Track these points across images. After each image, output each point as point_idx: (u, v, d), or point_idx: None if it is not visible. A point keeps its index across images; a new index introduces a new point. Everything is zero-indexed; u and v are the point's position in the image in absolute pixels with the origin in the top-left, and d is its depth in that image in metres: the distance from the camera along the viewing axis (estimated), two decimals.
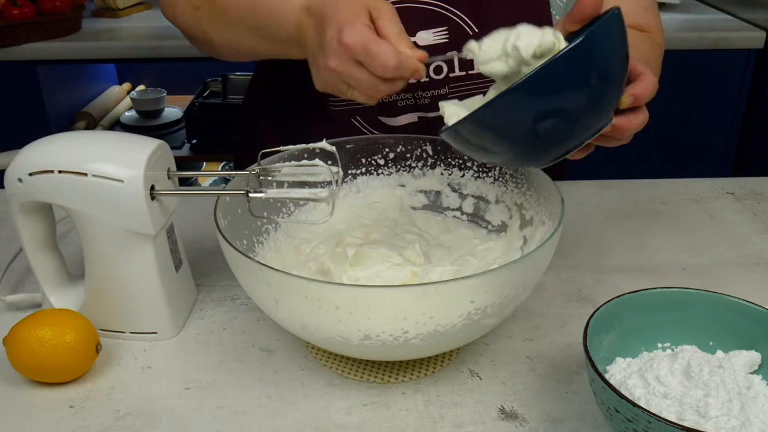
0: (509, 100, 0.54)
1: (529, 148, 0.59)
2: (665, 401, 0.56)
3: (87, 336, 0.66)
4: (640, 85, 0.62)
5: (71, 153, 0.67)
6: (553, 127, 0.56)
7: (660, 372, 0.58)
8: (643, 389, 0.58)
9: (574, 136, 0.59)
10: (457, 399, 0.65)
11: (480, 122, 0.56)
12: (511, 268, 0.58)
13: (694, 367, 0.57)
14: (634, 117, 0.63)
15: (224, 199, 0.70)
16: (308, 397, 0.65)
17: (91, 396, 0.66)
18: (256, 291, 0.62)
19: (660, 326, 0.64)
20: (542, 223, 0.72)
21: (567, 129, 0.57)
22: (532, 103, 0.55)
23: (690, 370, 0.57)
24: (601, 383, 0.54)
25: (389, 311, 0.56)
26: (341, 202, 0.82)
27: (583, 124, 0.58)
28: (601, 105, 0.58)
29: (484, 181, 0.80)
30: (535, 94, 0.54)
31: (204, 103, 2.16)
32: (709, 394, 0.55)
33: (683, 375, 0.58)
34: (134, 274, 0.70)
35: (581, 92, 0.56)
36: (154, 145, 0.68)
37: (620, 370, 0.61)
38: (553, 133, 0.57)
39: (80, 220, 0.68)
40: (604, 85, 0.57)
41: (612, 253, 0.87)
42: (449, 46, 0.86)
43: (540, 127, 0.56)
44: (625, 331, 0.63)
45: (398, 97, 0.91)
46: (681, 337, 0.64)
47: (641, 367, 0.60)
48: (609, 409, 0.54)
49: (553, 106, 0.55)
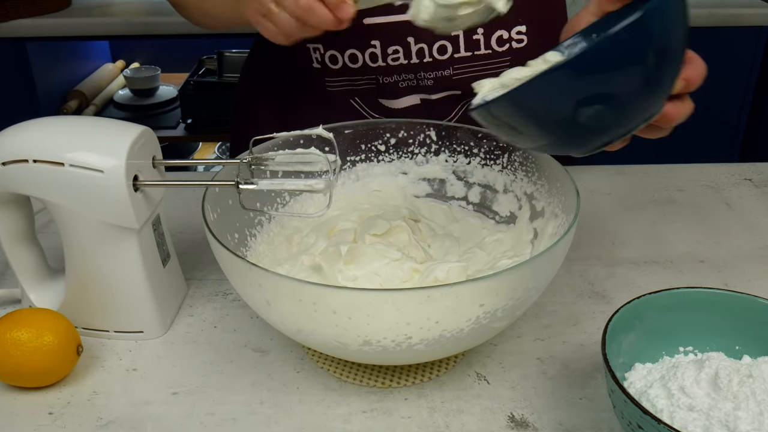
0: (554, 79, 0.47)
1: (571, 135, 0.51)
2: (691, 414, 0.52)
3: (66, 338, 0.62)
4: (692, 68, 0.54)
5: (47, 141, 0.62)
6: (601, 112, 0.49)
7: (685, 382, 0.53)
8: (666, 400, 0.53)
9: (623, 124, 0.52)
10: (464, 406, 0.60)
11: (518, 103, 0.49)
12: (524, 269, 0.53)
13: (722, 378, 0.53)
14: (682, 105, 0.56)
15: (213, 190, 0.65)
16: (304, 403, 0.61)
17: (72, 402, 0.61)
18: (247, 292, 0.57)
19: (682, 328, 0.60)
20: (554, 215, 0.67)
21: (616, 115, 0.50)
22: (582, 83, 0.48)
23: (718, 380, 0.53)
24: (623, 396, 0.49)
25: (391, 316, 0.51)
26: (339, 191, 0.77)
27: (634, 109, 0.51)
28: (658, 88, 0.51)
29: (492, 168, 0.76)
30: (587, 73, 0.47)
31: (199, 81, 2.10)
32: (739, 407, 0.50)
33: (710, 386, 0.53)
34: (118, 270, 0.65)
35: (639, 73, 0.48)
36: (138, 131, 0.63)
37: (640, 377, 0.56)
38: (600, 119, 0.50)
39: (58, 213, 0.63)
40: (664, 65, 0.50)
41: (625, 245, 0.83)
42: None
43: (587, 111, 0.49)
44: (645, 334, 0.58)
45: (399, 78, 0.86)
46: (705, 341, 0.59)
47: (663, 375, 0.55)
48: (630, 423, 0.50)
49: (605, 87, 0.48)
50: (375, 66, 0.85)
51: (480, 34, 0.84)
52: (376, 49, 0.84)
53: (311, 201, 0.77)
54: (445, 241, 0.72)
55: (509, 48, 0.85)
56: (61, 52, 2.10)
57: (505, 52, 0.85)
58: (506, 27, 0.84)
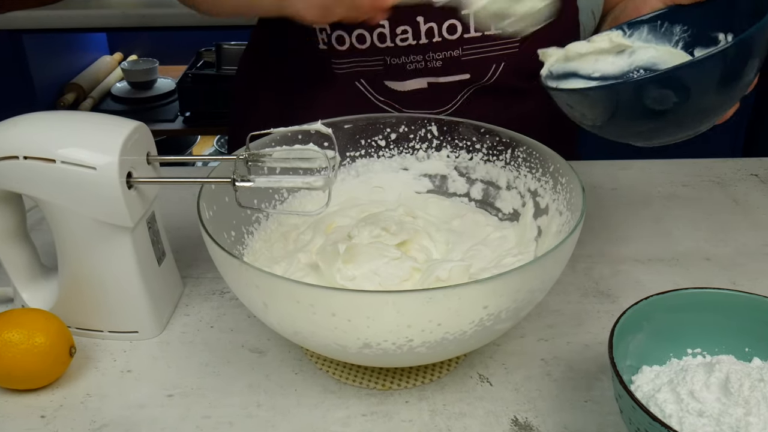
0: (699, 68, 0.45)
1: (658, 129, 0.50)
2: (700, 420, 0.50)
3: (59, 339, 0.60)
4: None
5: (38, 137, 0.60)
6: (709, 105, 0.48)
7: (694, 386, 0.52)
8: (674, 405, 0.52)
9: (713, 116, 0.50)
10: (466, 408, 0.59)
11: (638, 91, 0.47)
12: (529, 269, 0.52)
13: (733, 382, 0.51)
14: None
15: (209, 187, 0.63)
16: (302, 405, 0.59)
17: (64, 404, 0.60)
18: (243, 293, 0.56)
19: (690, 329, 0.58)
20: (559, 213, 0.65)
21: (715, 107, 0.49)
22: (714, 75, 0.46)
23: (729, 385, 0.51)
24: (630, 402, 0.48)
25: (392, 318, 0.50)
26: (338, 187, 0.76)
27: (730, 100, 0.49)
28: (751, 80, 0.50)
29: (495, 164, 0.74)
30: (721, 67, 0.46)
31: (197, 74, 2.08)
32: (750, 413, 0.49)
33: (721, 390, 0.52)
34: (112, 269, 0.63)
35: (756, 66, 0.48)
36: (131, 127, 0.62)
37: (648, 381, 0.55)
38: (700, 112, 0.48)
39: (50, 211, 0.62)
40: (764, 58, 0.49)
41: (630, 242, 0.81)
42: (464, 5, 0.79)
43: (700, 104, 0.47)
44: (652, 335, 0.57)
45: (407, 60, 0.84)
46: (714, 342, 0.58)
47: (672, 379, 0.54)
48: (638, 429, 0.48)
49: (728, 81, 0.47)
50: (383, 47, 0.83)
51: None
52: (384, 29, 0.81)
53: (310, 197, 0.75)
54: (448, 237, 0.70)
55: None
56: (57, 45, 2.08)
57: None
58: None
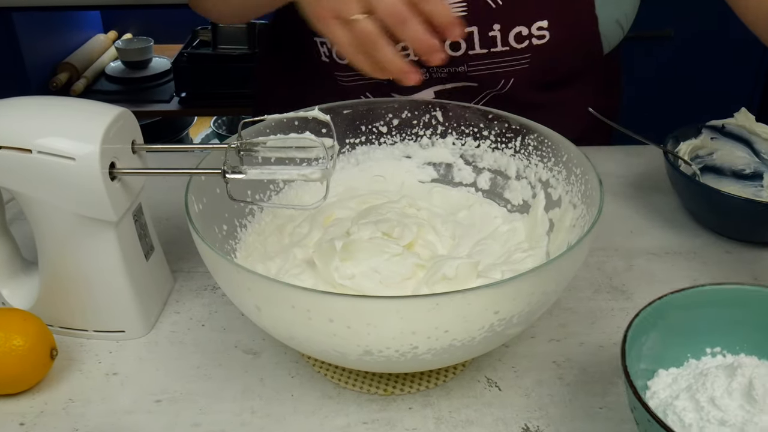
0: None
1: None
2: (723, 430, 0.47)
3: (38, 341, 0.56)
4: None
5: (13, 125, 0.56)
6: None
7: (715, 393, 0.48)
8: (694, 413, 0.48)
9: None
10: (473, 416, 0.55)
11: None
12: (544, 271, 0.48)
13: (757, 388, 0.47)
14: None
15: (199, 178, 0.59)
16: (299, 412, 0.56)
17: (45, 410, 0.56)
18: (235, 295, 0.52)
19: (709, 327, 0.54)
20: (573, 206, 0.61)
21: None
22: None
23: (752, 391, 0.47)
24: (646, 414, 0.44)
25: (395, 325, 0.46)
26: (337, 176, 0.71)
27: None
28: None
29: (504, 153, 0.70)
30: None
31: (193, 53, 2.02)
32: None
33: (744, 397, 0.48)
34: (96, 266, 0.59)
35: None
36: (114, 113, 0.57)
37: (665, 386, 0.51)
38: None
39: (28, 205, 0.58)
40: None
41: (644, 234, 0.77)
42: (467, 20, 0.75)
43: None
44: (668, 335, 0.53)
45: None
46: (734, 341, 0.54)
47: (691, 384, 0.50)
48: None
49: None
50: None
51: (497, 31, 0.77)
52: None
53: (307, 187, 0.71)
54: (454, 230, 0.66)
55: (529, 45, 0.78)
56: (49, 23, 2.02)
57: (525, 48, 0.79)
58: (526, 22, 0.77)
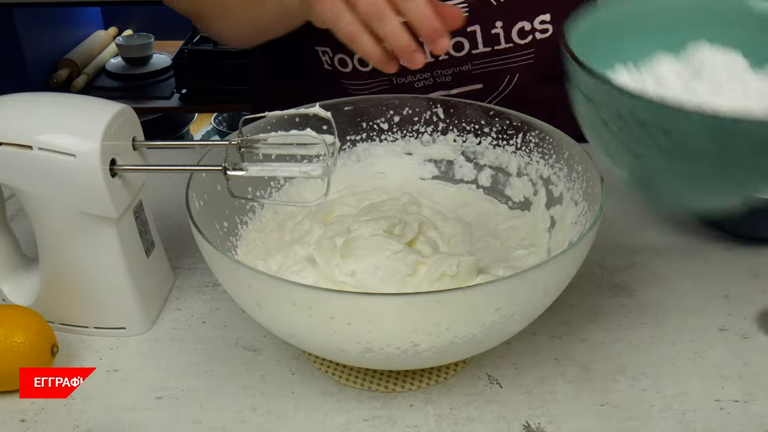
0: None
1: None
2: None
3: (39, 337, 0.56)
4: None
5: (13, 121, 0.56)
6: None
7: (661, 70, 0.45)
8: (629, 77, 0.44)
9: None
10: (474, 413, 0.55)
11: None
12: (545, 269, 0.48)
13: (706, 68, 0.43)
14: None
15: (200, 175, 0.59)
16: (299, 410, 0.56)
17: (46, 407, 0.56)
18: (236, 292, 0.52)
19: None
20: (574, 203, 0.61)
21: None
22: None
23: (702, 71, 0.44)
24: (601, 84, 0.40)
25: (396, 322, 0.46)
26: (337, 173, 0.71)
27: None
28: None
29: (505, 149, 0.69)
30: None
31: (194, 49, 2.02)
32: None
33: (692, 76, 0.44)
34: (96, 262, 0.59)
35: None
36: (115, 110, 0.57)
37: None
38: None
39: (29, 201, 0.57)
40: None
41: (646, 229, 0.77)
42: (469, 19, 0.75)
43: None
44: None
45: (414, 78, 0.80)
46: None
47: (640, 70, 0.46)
48: (615, 116, 0.40)
49: None
50: None
51: (499, 28, 0.77)
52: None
53: (308, 184, 0.71)
54: (455, 227, 0.66)
55: (532, 39, 0.78)
56: (50, 19, 2.02)
57: (529, 44, 0.79)
58: (528, 17, 0.77)
